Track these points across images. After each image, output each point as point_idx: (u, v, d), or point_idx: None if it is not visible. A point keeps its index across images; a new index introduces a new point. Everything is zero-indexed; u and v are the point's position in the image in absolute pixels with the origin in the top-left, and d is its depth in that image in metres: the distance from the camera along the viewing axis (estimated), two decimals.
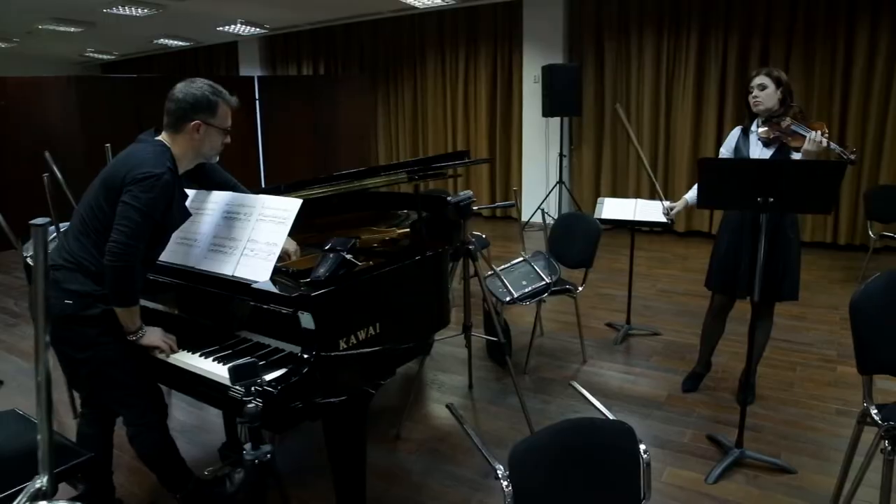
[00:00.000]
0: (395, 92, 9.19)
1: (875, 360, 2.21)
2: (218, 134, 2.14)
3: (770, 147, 2.93)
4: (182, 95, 2.06)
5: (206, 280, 2.16)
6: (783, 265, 2.97)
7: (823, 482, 2.57)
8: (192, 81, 2.09)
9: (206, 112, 2.08)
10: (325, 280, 1.91)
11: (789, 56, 6.30)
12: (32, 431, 2.10)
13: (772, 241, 2.91)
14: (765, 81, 2.90)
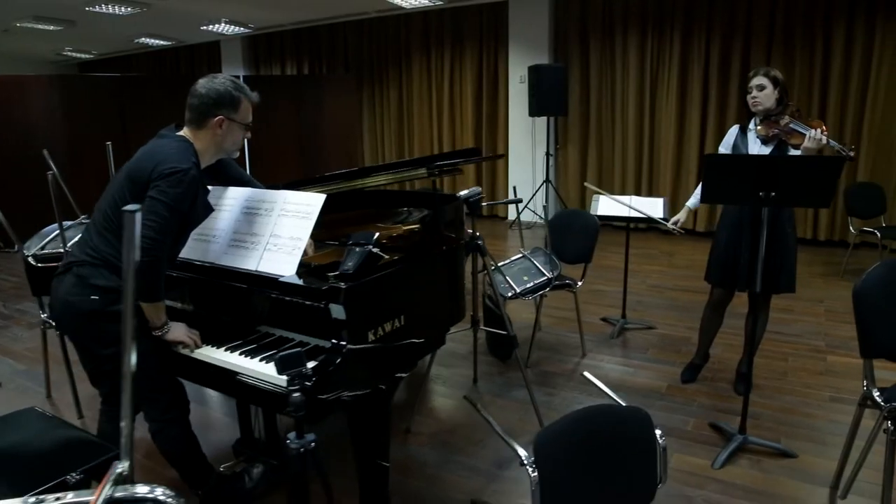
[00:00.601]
0: (380, 92, 9.21)
1: (876, 345, 2.30)
2: (240, 129, 2.16)
3: (768, 145, 3.02)
4: (205, 91, 2.07)
5: (227, 275, 2.18)
6: (781, 259, 3.07)
7: (824, 465, 2.67)
8: (213, 77, 2.11)
9: (229, 108, 2.09)
10: (354, 273, 1.94)
11: (769, 57, 6.47)
12: (56, 428, 2.11)
13: (770, 236, 3.01)
14: (763, 82, 2.99)
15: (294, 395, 1.50)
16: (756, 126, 3.05)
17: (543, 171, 7.75)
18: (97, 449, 1.98)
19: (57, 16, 7.67)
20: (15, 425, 2.10)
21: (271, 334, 2.19)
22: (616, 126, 7.59)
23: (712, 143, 6.96)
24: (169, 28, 8.69)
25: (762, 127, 3.02)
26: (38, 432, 2.06)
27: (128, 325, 0.92)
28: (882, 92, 6.05)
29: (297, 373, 1.49)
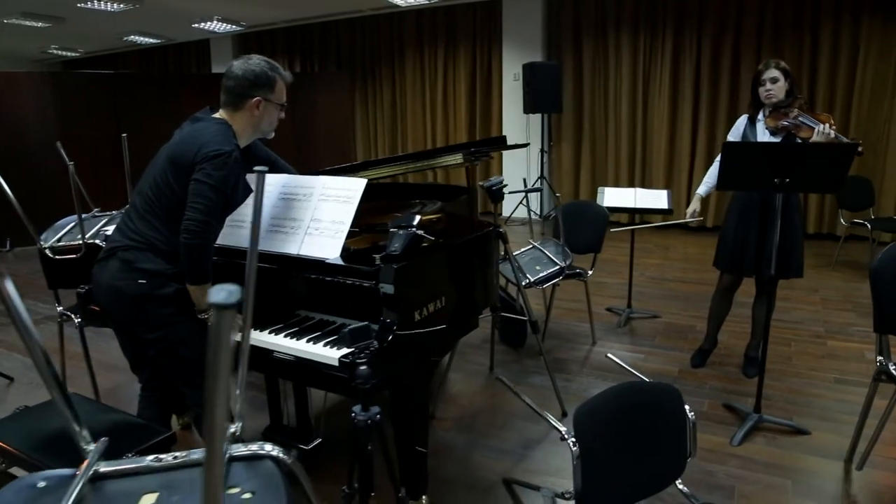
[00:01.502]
0: (373, 90, 9.24)
1: (891, 321, 2.41)
2: (275, 109, 2.18)
3: (777, 136, 3.11)
4: (241, 73, 2.09)
5: (268, 260, 2.22)
6: (790, 245, 3.18)
7: (836, 441, 2.78)
8: (248, 58, 2.12)
9: (266, 88, 2.11)
10: (401, 254, 1.99)
11: (759, 54, 6.63)
12: (101, 412, 2.13)
13: (781, 222, 3.12)
14: (776, 75, 3.07)
15: (361, 368, 1.55)
16: (765, 117, 3.16)
17: (538, 167, 7.84)
18: (148, 431, 2.00)
19: (46, 12, 7.58)
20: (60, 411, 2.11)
21: (311, 317, 2.23)
22: (609, 122, 7.71)
23: (704, 138, 7.12)
24: (160, 25, 8.64)
25: (771, 118, 3.11)
26: (86, 416, 2.06)
27: (250, 280, 0.95)
28: (868, 88, 6.25)
29: (365, 345, 1.54)
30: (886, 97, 6.20)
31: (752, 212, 3.20)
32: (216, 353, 0.42)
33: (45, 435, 1.96)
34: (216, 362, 0.42)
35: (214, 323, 0.40)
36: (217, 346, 0.41)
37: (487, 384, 3.50)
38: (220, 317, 0.40)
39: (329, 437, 2.75)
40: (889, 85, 6.18)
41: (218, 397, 0.43)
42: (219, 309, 0.40)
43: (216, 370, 0.42)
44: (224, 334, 0.41)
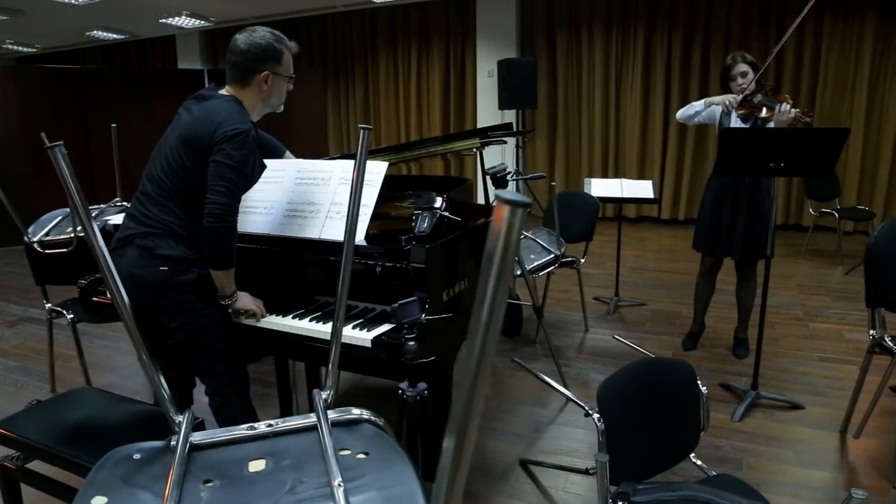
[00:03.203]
0: (346, 86, 9.18)
1: (883, 296, 2.52)
2: (284, 82, 2.12)
3: (748, 122, 3.27)
4: (247, 47, 2.01)
5: (288, 245, 2.20)
6: (761, 227, 3.32)
7: (829, 413, 2.90)
8: (252, 31, 2.04)
9: (273, 61, 2.04)
10: (431, 234, 2.00)
11: (727, 51, 6.81)
12: (119, 403, 2.08)
13: (751, 205, 3.28)
14: (746, 69, 3.27)
15: (409, 344, 1.56)
16: (736, 106, 3.29)
17: (513, 162, 7.91)
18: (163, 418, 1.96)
19: (3, 4, 7.29)
20: (75, 403, 2.06)
21: (331, 302, 2.22)
22: (583, 117, 7.83)
23: (675, 133, 7.30)
24: (125, 20, 8.39)
25: (741, 107, 3.25)
26: (105, 407, 2.02)
27: (347, 261, 0.96)
28: (830, 84, 6.51)
29: (414, 321, 1.55)
30: (847, 92, 6.47)
31: (725, 196, 3.35)
32: (504, 254, 0.42)
33: (65, 426, 1.90)
34: (501, 268, 0.42)
35: (508, 222, 0.40)
36: (507, 246, 0.42)
37: None
38: (513, 215, 0.40)
39: None
40: (849, 80, 6.45)
41: (494, 318, 0.44)
42: (514, 206, 0.40)
43: (499, 278, 0.42)
44: (515, 234, 0.42)
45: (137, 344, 1.10)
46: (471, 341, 0.47)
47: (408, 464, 0.84)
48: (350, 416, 1.01)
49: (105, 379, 3.47)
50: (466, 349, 0.49)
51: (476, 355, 0.47)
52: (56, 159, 0.85)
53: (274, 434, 0.97)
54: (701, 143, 7.19)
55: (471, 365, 0.47)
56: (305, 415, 1.01)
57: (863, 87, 6.37)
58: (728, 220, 3.35)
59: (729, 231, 3.36)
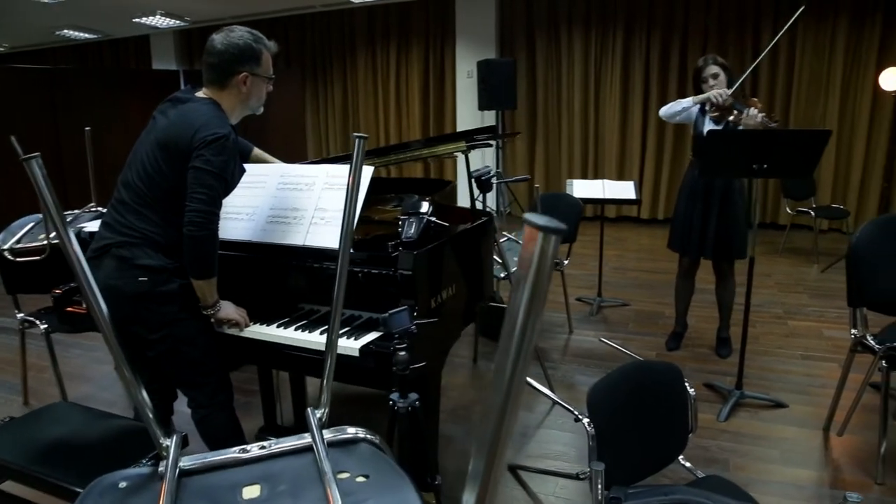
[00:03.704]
0: (324, 87, 9.09)
1: (864, 296, 2.55)
2: (264, 83, 2.07)
3: (720, 124, 3.31)
4: (224, 47, 1.95)
5: (272, 252, 2.15)
6: (732, 228, 3.36)
7: (812, 412, 2.93)
8: (230, 31, 1.99)
9: (252, 62, 1.99)
10: (419, 240, 1.97)
11: (705, 52, 6.87)
12: (98, 419, 2.01)
13: (722, 206, 3.31)
14: (717, 70, 3.32)
15: (400, 354, 1.52)
16: (709, 108, 3.31)
17: (493, 163, 7.90)
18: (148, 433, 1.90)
19: None
20: (52, 419, 1.99)
21: (316, 310, 2.18)
22: (562, 118, 7.85)
23: (654, 133, 7.36)
24: (97, 20, 8.21)
25: (714, 109, 3.27)
26: (83, 423, 1.96)
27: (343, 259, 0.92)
28: (804, 85, 6.61)
29: (404, 330, 1.52)
30: (821, 93, 6.58)
31: (697, 196, 3.38)
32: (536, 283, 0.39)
33: (41, 445, 1.84)
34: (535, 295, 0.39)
35: (541, 248, 0.38)
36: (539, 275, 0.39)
37: (474, 376, 3.51)
38: (546, 241, 0.38)
39: None
40: (823, 82, 6.55)
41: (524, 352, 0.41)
42: (547, 232, 0.38)
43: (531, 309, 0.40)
44: (549, 262, 0.39)
45: (119, 359, 1.06)
46: (498, 379, 0.44)
47: (410, 486, 0.81)
48: (346, 435, 0.97)
49: (81, 390, 3.37)
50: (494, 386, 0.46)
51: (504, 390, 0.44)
52: (32, 172, 0.80)
53: (267, 457, 0.93)
54: (679, 144, 7.25)
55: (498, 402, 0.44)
56: (299, 435, 0.97)
57: (836, 88, 6.48)
58: (700, 220, 3.40)
59: (701, 231, 3.40)
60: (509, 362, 0.43)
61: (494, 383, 0.46)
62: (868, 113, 6.39)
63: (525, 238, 0.40)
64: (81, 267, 0.90)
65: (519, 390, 0.44)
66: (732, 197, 3.35)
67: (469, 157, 2.88)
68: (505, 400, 0.43)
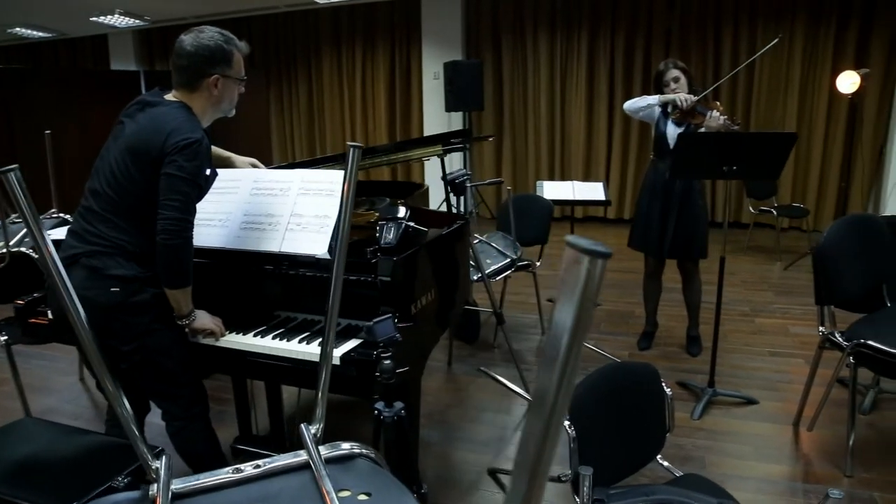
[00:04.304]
0: (289, 89, 8.97)
1: (830, 295, 2.62)
2: (235, 85, 2.02)
3: (681, 126, 3.38)
4: (194, 49, 1.90)
5: (247, 259, 2.11)
6: (693, 227, 3.43)
7: (782, 407, 3.00)
8: (200, 31, 1.93)
9: (223, 64, 1.94)
10: (398, 245, 1.95)
11: (668, 54, 7.02)
12: (68, 435, 1.93)
13: (682, 206, 3.38)
14: (678, 74, 3.38)
15: (385, 363, 1.50)
16: (671, 112, 3.38)
17: (461, 165, 7.90)
18: (128, 448, 1.83)
19: None
20: (19, 437, 1.90)
21: (293, 318, 2.14)
22: (529, 119, 7.90)
23: (619, 134, 7.46)
24: (52, 18, 7.93)
25: (675, 112, 3.33)
26: (53, 441, 1.88)
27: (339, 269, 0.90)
28: (765, 86, 6.78)
29: (389, 339, 1.50)
30: (781, 95, 6.76)
31: (657, 197, 3.43)
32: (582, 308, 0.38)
33: (9, 466, 1.75)
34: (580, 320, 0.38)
35: (587, 272, 0.36)
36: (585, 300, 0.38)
37: (449, 380, 3.50)
38: (593, 265, 0.37)
39: None
40: (782, 84, 6.73)
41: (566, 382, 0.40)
42: (593, 256, 0.37)
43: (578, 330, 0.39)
44: (594, 287, 0.38)
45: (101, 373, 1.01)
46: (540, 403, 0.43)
47: (413, 501, 0.80)
48: (342, 451, 0.95)
49: (43, 403, 3.25)
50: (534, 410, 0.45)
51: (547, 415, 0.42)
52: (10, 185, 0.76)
53: (262, 476, 0.90)
54: (644, 144, 7.37)
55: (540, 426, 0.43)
56: (294, 452, 0.94)
57: (794, 90, 6.66)
58: (660, 220, 3.46)
59: (661, 231, 3.46)
60: (552, 388, 0.42)
61: (535, 407, 0.44)
62: (825, 114, 6.59)
63: (567, 261, 0.39)
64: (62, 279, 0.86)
65: (562, 415, 0.43)
66: (692, 197, 3.41)
67: (444, 160, 2.87)
68: (547, 425, 0.42)
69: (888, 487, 2.39)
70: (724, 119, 3.17)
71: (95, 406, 3.24)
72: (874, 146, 6.53)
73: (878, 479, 2.44)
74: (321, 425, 1.01)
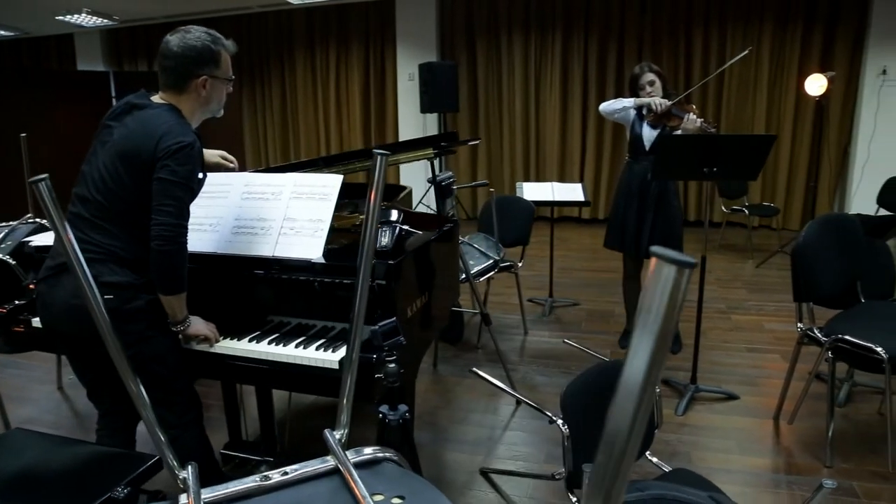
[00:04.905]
0: (262, 91, 8.88)
1: (809, 291, 2.70)
2: (224, 85, 2.01)
3: (656, 128, 3.45)
4: (181, 50, 1.87)
5: (239, 264, 2.09)
6: (668, 227, 3.51)
7: (762, 402, 3.09)
8: (186, 32, 1.91)
9: (211, 64, 1.92)
10: (393, 249, 1.96)
11: (640, 56, 7.14)
12: (62, 446, 1.90)
13: (657, 207, 3.45)
14: (653, 77, 3.45)
15: (390, 366, 1.51)
16: (646, 114, 3.45)
17: (438, 166, 7.91)
18: (129, 459, 1.81)
19: None
20: (8, 449, 1.85)
21: (287, 322, 2.13)
22: (504, 120, 7.96)
23: (593, 134, 7.56)
24: (14, 15, 7.71)
25: (651, 115, 3.41)
26: (43, 452, 1.83)
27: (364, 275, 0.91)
28: (735, 87, 6.95)
29: (394, 342, 1.50)
30: (750, 96, 6.93)
31: (632, 197, 3.50)
32: (667, 317, 0.40)
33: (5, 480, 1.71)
34: (665, 332, 0.40)
35: (675, 282, 0.38)
36: (671, 308, 0.40)
37: (436, 381, 3.51)
38: (681, 275, 0.39)
39: (297, 446, 2.65)
40: (751, 85, 6.90)
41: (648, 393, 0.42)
42: (681, 266, 0.39)
43: (661, 342, 0.40)
44: (682, 296, 0.40)
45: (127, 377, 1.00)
46: (620, 412, 0.45)
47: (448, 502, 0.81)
48: (367, 456, 0.96)
49: (21, 413, 3.16)
50: (613, 418, 0.46)
51: (629, 425, 0.44)
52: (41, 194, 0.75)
53: (290, 483, 0.90)
54: (618, 146, 7.48)
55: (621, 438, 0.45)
56: (321, 458, 0.94)
57: (762, 91, 6.83)
58: (636, 220, 3.52)
59: (637, 230, 3.52)
60: (637, 393, 0.44)
61: (615, 415, 0.46)
62: (792, 115, 6.78)
63: (652, 269, 0.41)
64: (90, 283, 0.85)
65: (643, 422, 0.45)
66: (668, 198, 3.49)
67: (434, 163, 2.88)
68: (627, 438, 0.44)
69: (866, 477, 2.47)
70: (701, 122, 3.25)
71: (76, 415, 3.18)
72: (839, 146, 6.74)
73: (856, 469, 2.53)
74: (346, 430, 1.02)
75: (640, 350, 0.42)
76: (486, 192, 8.05)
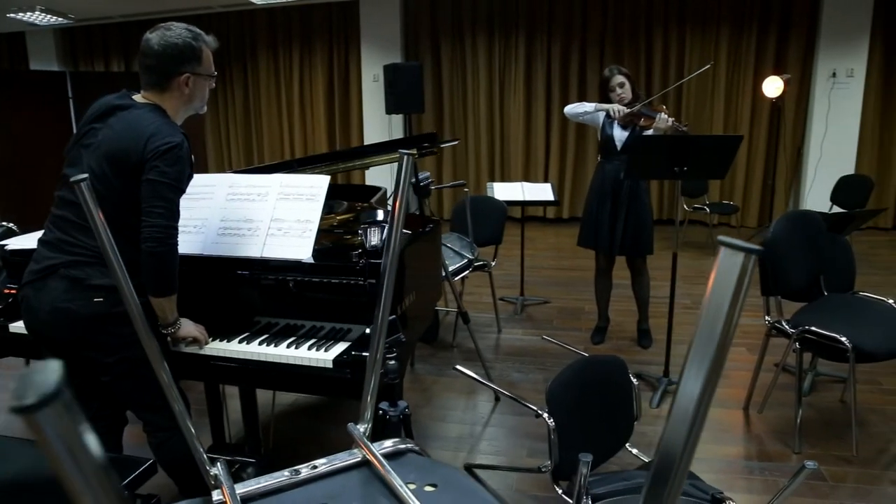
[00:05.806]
0: (223, 93, 8.73)
1: (776, 285, 2.83)
2: (206, 82, 1.99)
3: (627, 129, 3.56)
4: (162, 49, 1.85)
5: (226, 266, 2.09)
6: (640, 224, 3.62)
7: (732, 393, 3.21)
8: (167, 29, 1.89)
9: (193, 62, 1.90)
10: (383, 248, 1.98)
11: (602, 58, 7.30)
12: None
13: (629, 205, 3.57)
14: (623, 80, 3.57)
15: (390, 363, 1.53)
16: (617, 116, 3.55)
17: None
18: (122, 464, 1.79)
19: None
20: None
21: (275, 323, 2.13)
22: (469, 121, 8.02)
23: (557, 135, 7.69)
24: None
25: (621, 117, 3.52)
26: (34, 459, 1.79)
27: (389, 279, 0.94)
28: (693, 88, 7.16)
29: (395, 340, 1.53)
30: (708, 97, 7.15)
31: (605, 196, 3.60)
32: (734, 300, 0.44)
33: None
34: (731, 317, 0.44)
35: (742, 268, 0.42)
36: (738, 292, 0.43)
37: (414, 380, 3.53)
38: (748, 260, 0.42)
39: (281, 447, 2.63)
40: (709, 86, 7.13)
41: (713, 378, 0.45)
42: (748, 253, 0.42)
43: (731, 322, 0.44)
44: (747, 281, 0.44)
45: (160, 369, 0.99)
46: (681, 408, 0.48)
47: (483, 488, 0.84)
48: (390, 447, 0.98)
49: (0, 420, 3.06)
50: (676, 412, 0.50)
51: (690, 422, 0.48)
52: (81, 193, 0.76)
53: (320, 476, 0.92)
54: (581, 145, 7.63)
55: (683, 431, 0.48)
56: (348, 451, 0.96)
57: (720, 92, 7.07)
58: (610, 219, 3.62)
59: (611, 229, 3.62)
60: (701, 387, 0.48)
61: (676, 411, 0.50)
62: (749, 116, 7.03)
63: (719, 261, 0.45)
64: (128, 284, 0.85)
65: (703, 418, 0.49)
66: (640, 196, 3.60)
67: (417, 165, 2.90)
68: (690, 430, 0.48)
69: (832, 461, 2.60)
70: (672, 121, 3.36)
71: None
72: (794, 146, 7.02)
73: (822, 454, 2.65)
74: (370, 425, 1.04)
75: (713, 322, 0.46)
76: (455, 192, 8.11)
